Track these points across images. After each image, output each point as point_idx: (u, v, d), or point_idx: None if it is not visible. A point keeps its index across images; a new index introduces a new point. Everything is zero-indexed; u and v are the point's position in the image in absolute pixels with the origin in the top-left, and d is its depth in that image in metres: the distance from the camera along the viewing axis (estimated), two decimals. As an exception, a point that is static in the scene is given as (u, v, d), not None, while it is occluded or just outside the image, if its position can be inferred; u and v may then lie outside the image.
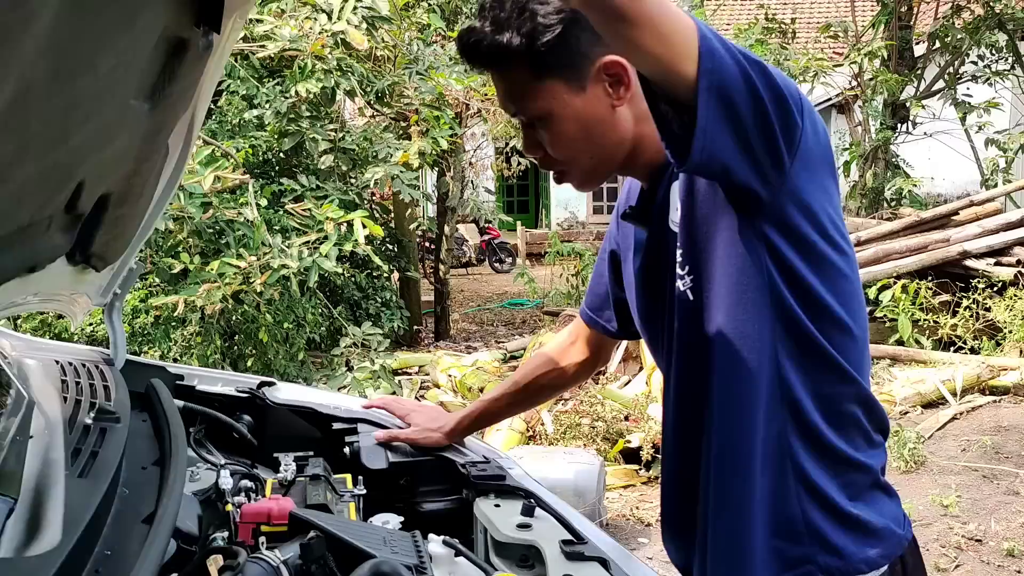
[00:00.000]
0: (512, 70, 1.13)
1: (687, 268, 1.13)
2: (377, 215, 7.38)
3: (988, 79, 8.74)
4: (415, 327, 8.31)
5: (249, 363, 5.62)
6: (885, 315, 6.27)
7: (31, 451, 1.01)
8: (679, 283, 1.14)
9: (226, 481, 1.46)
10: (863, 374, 1.15)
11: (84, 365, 1.50)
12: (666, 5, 0.92)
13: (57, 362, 1.49)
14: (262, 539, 1.26)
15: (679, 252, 1.14)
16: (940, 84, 9.00)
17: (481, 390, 5.63)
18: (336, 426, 1.79)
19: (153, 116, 1.15)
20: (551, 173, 1.25)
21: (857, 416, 1.15)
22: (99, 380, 1.40)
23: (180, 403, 1.55)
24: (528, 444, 4.59)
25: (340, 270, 5.29)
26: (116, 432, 1.13)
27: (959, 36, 8.58)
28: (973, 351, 5.83)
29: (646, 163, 1.20)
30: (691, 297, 1.13)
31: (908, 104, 8.75)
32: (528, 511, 1.44)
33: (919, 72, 8.97)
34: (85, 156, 0.92)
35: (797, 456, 1.10)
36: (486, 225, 13.43)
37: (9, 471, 0.92)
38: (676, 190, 1.15)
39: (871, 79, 8.48)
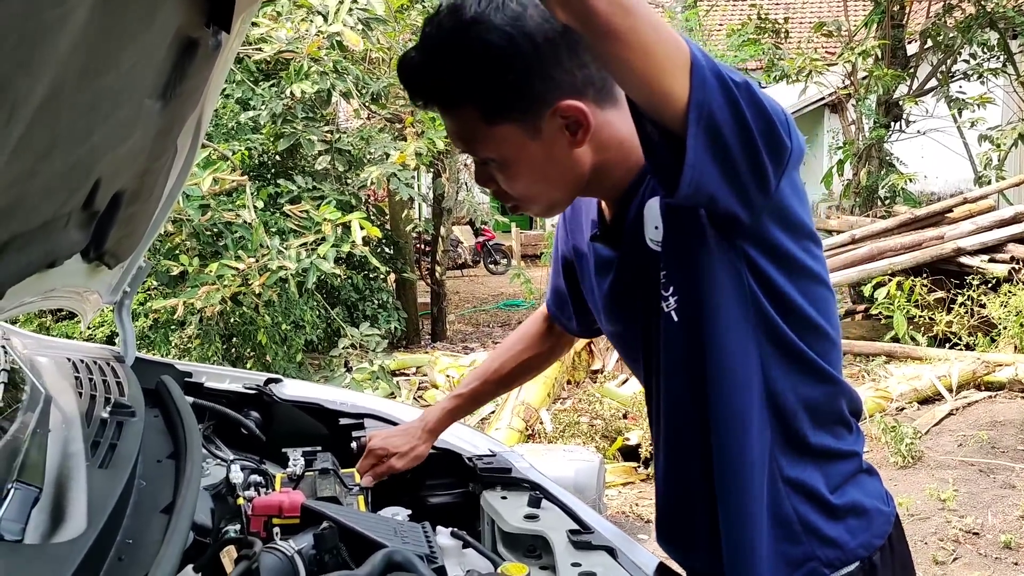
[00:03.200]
0: (459, 112, 1.08)
1: (671, 289, 1.11)
2: (373, 217, 7.40)
3: (980, 76, 8.79)
4: (411, 328, 8.32)
5: (248, 365, 5.63)
6: (880, 312, 6.31)
7: (51, 444, 1.03)
8: (663, 304, 1.12)
9: (236, 475, 1.47)
10: (840, 371, 1.17)
11: (96, 362, 1.52)
12: (660, 26, 0.89)
13: (69, 359, 1.50)
14: (276, 530, 1.28)
15: (663, 273, 1.12)
16: (933, 83, 9.05)
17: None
18: (343, 421, 1.81)
19: (164, 114, 1.17)
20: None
21: (840, 409, 1.17)
22: (111, 376, 1.42)
23: (189, 399, 1.56)
24: (527, 442, 4.61)
25: (338, 271, 5.31)
26: (132, 425, 1.15)
27: (951, 35, 8.63)
28: (968, 347, 5.87)
29: (611, 187, 1.17)
30: (676, 318, 1.12)
31: (901, 102, 8.80)
32: (535, 502, 1.46)
33: (912, 71, 9.01)
34: (104, 153, 0.94)
35: (781, 459, 1.12)
36: (481, 227, 13.44)
37: (32, 462, 0.93)
38: (653, 208, 1.12)
39: (864, 77, 8.53)
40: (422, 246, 10.59)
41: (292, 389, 1.88)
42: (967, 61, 9.01)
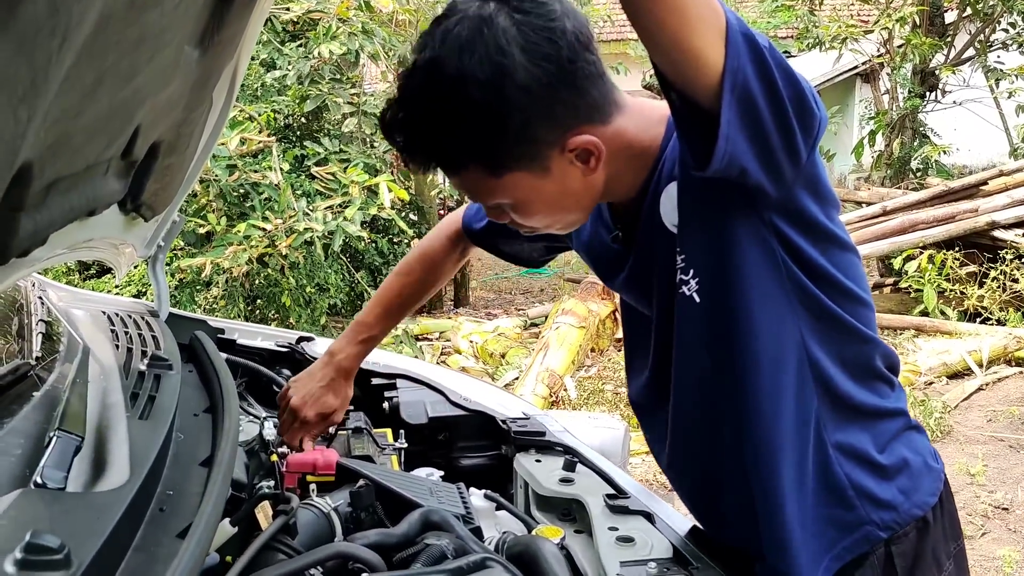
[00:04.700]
0: (463, 172, 1.04)
1: (691, 272, 1.07)
2: (398, 181, 7.37)
3: (1020, 46, 8.56)
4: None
5: (272, 326, 5.66)
6: (910, 286, 6.22)
7: (90, 394, 1.02)
8: (684, 288, 1.08)
9: (270, 432, 1.47)
10: (875, 331, 1.16)
11: (130, 316, 1.52)
12: None
13: (104, 312, 1.50)
14: (312, 487, 1.27)
15: (680, 257, 1.08)
16: (970, 52, 8.83)
17: (503, 356, 5.65)
18: (375, 381, 1.80)
19: (202, 64, 1.15)
20: None
21: (878, 367, 1.15)
22: (147, 330, 1.41)
23: (223, 356, 1.56)
24: (551, 409, 4.61)
25: (363, 235, 5.30)
26: (170, 378, 1.14)
27: (991, 3, 8.39)
28: (1000, 323, 5.78)
29: (626, 190, 1.12)
30: (698, 299, 1.08)
31: (937, 71, 8.60)
32: (570, 466, 1.45)
33: (949, 39, 8.80)
34: (144, 98, 0.92)
35: (828, 424, 1.10)
36: (505, 193, 13.37)
37: (73, 411, 0.93)
38: (671, 193, 1.08)
39: (900, 45, 8.33)
40: (445, 211, 10.56)
41: (324, 348, 1.87)
42: (1006, 30, 8.78)
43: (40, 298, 1.43)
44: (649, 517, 1.26)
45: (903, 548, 1.12)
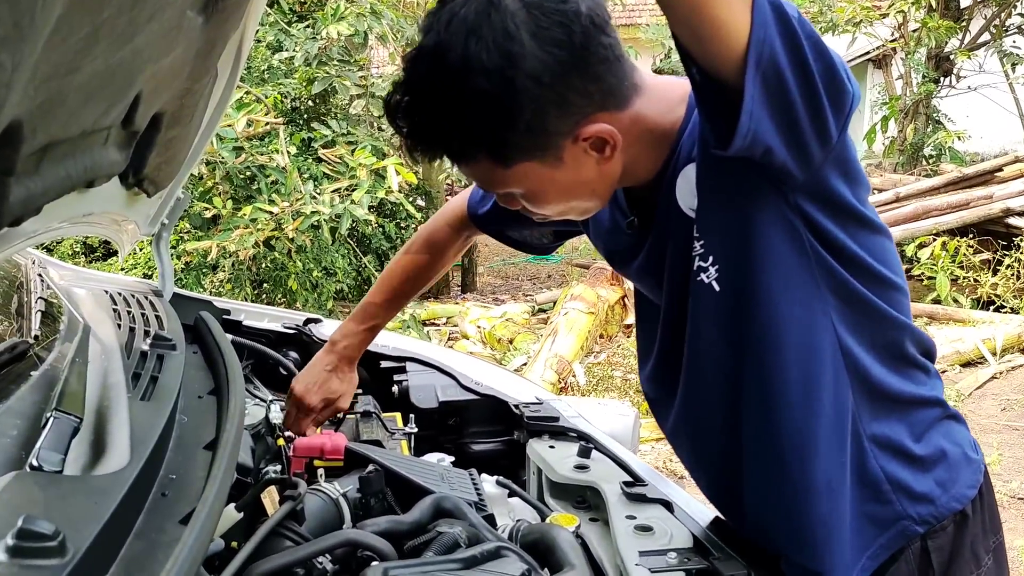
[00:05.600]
0: (472, 162, 1.00)
1: (710, 259, 1.03)
2: (406, 164, 7.32)
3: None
4: (441, 278, 8.30)
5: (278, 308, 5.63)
6: (923, 273, 6.16)
7: (90, 374, 0.98)
8: (703, 276, 1.04)
9: (276, 416, 1.44)
10: (909, 316, 1.11)
11: (133, 295, 1.48)
12: None
13: (106, 292, 1.46)
14: (320, 471, 1.24)
15: (698, 244, 1.03)
16: (986, 36, 8.73)
17: (511, 341, 5.61)
18: (384, 364, 1.76)
19: (206, 32, 1.10)
20: None
21: (912, 353, 1.11)
22: (150, 310, 1.38)
23: (228, 337, 1.52)
24: (560, 395, 4.58)
25: (371, 218, 5.25)
26: (173, 359, 1.11)
27: (1007, -13, 8.30)
28: (1013, 311, 5.72)
29: (644, 175, 1.08)
30: (717, 288, 1.03)
31: (952, 56, 8.50)
32: (584, 452, 1.41)
33: (964, 24, 8.69)
34: (145, 63, 0.88)
35: (864, 416, 1.06)
36: (512, 178, 13.32)
37: (72, 391, 0.89)
38: (688, 175, 1.03)
39: (916, 29, 8.23)
40: (453, 196, 10.52)
41: (331, 330, 1.83)
42: (1022, 15, 8.68)
43: (40, 276, 1.39)
44: (668, 506, 1.22)
45: (940, 542, 1.08)
